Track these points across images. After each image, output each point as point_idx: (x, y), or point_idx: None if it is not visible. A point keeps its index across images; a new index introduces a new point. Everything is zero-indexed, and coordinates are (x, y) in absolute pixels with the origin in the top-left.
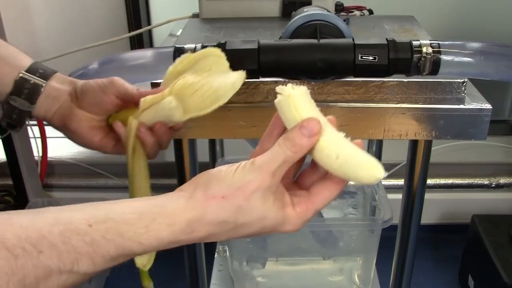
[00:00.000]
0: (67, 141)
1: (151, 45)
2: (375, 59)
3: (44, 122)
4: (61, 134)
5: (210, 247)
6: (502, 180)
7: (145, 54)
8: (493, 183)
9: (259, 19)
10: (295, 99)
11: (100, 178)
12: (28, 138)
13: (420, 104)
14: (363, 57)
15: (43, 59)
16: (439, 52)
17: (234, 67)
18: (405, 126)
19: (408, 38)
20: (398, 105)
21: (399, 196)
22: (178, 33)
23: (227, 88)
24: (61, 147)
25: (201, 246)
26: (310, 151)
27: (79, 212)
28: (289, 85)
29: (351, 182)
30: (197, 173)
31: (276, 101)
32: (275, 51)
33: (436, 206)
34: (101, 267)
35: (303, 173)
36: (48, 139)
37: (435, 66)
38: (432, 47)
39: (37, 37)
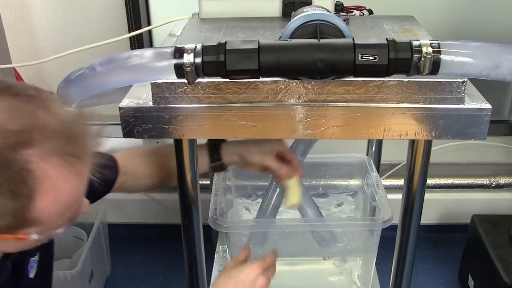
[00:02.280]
0: None
1: (151, 45)
2: (375, 59)
3: None
4: None
5: (210, 247)
6: (502, 180)
7: (145, 54)
8: (493, 183)
9: (259, 19)
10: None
11: None
12: None
13: (420, 104)
14: (363, 57)
15: (43, 60)
16: (439, 52)
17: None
18: (405, 126)
19: (408, 38)
20: (398, 105)
21: (399, 196)
22: (178, 33)
23: None
24: None
25: (201, 246)
26: None
27: None
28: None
29: (352, 182)
30: (197, 173)
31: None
32: (275, 51)
33: (436, 206)
34: None
35: None
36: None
37: (435, 66)
38: (432, 47)
39: (37, 38)
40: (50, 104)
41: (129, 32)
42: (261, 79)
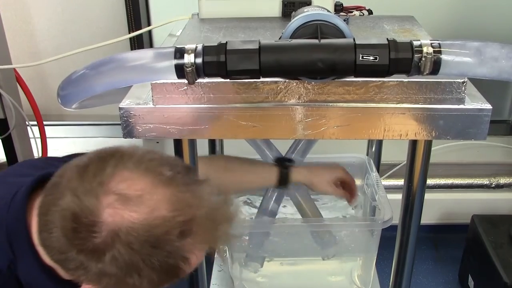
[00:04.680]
0: (66, 141)
1: (151, 46)
2: (376, 59)
3: (44, 122)
4: (61, 134)
5: None
6: (502, 180)
7: (145, 55)
8: (493, 183)
9: (259, 19)
10: None
11: None
12: (28, 138)
13: (420, 104)
14: (364, 57)
15: (43, 61)
16: (440, 52)
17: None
18: (405, 126)
19: (408, 38)
20: (398, 105)
21: (399, 196)
22: (178, 33)
23: None
24: (61, 147)
25: None
26: None
27: None
28: None
29: None
30: (197, 173)
31: None
32: (276, 51)
33: (436, 206)
34: None
35: None
36: (48, 139)
37: (436, 66)
38: (432, 47)
39: (37, 38)
40: (201, 191)
41: (129, 33)
42: (261, 79)
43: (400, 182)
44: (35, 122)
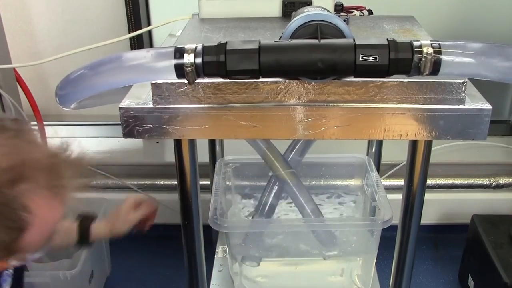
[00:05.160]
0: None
1: (151, 46)
2: (376, 59)
3: (44, 122)
4: (60, 134)
5: (210, 247)
6: (502, 180)
7: (145, 55)
8: (493, 183)
9: (259, 19)
10: None
11: (100, 178)
12: None
13: (420, 104)
14: (364, 57)
15: (43, 60)
16: (440, 53)
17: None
18: (405, 126)
19: (408, 38)
20: (398, 105)
21: (399, 196)
22: (178, 33)
23: None
24: None
25: (201, 246)
26: None
27: None
28: None
29: (352, 182)
30: (197, 173)
31: None
32: (276, 52)
33: (436, 206)
34: None
35: None
36: (48, 139)
37: (436, 66)
38: (432, 47)
39: (37, 38)
40: (33, 137)
41: (129, 33)
42: (261, 79)
43: (400, 182)
44: (35, 122)
